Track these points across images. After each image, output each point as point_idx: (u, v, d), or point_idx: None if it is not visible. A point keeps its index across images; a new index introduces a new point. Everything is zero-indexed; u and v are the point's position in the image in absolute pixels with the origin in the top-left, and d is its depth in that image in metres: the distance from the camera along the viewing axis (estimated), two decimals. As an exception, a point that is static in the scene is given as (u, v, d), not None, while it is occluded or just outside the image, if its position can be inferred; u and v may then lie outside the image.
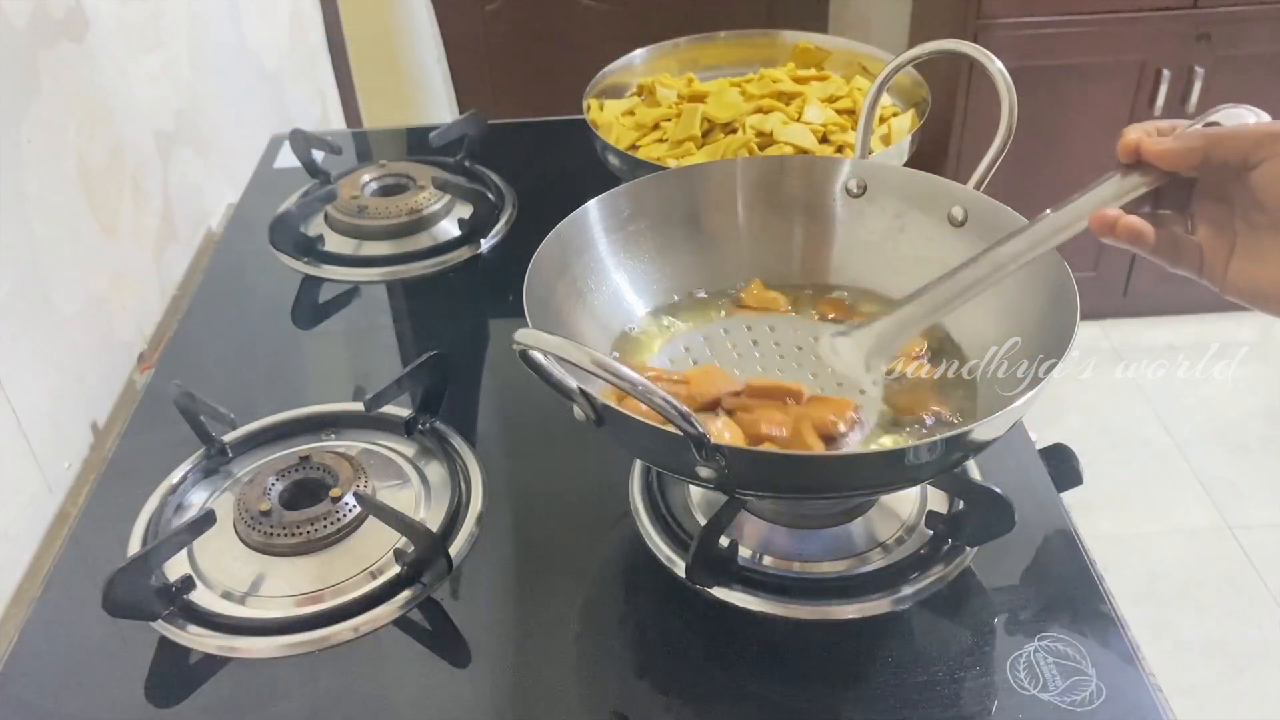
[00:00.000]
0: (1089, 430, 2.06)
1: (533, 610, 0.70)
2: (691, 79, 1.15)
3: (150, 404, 0.89)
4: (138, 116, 1.06)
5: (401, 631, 0.69)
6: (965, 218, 0.75)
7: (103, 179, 0.98)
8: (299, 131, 1.17)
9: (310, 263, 1.07)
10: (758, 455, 0.61)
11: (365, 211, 1.10)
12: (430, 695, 0.65)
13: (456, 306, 1.02)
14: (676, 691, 0.64)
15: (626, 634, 0.69)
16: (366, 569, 0.72)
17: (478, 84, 2.37)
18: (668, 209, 0.80)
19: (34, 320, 0.85)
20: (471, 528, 0.75)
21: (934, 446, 0.59)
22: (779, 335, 0.76)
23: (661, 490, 0.77)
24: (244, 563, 0.72)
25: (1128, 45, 1.95)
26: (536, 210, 1.13)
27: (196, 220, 1.19)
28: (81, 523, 0.79)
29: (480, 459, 0.81)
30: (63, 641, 0.69)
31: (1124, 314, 2.27)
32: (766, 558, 0.71)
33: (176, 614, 0.69)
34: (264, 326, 1.01)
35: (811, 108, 1.07)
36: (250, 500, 0.75)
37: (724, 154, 1.02)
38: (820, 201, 0.81)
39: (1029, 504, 0.73)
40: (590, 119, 1.11)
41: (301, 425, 0.85)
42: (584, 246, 0.77)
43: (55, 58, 0.91)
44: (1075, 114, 2.01)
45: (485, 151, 1.22)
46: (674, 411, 0.55)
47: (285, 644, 0.68)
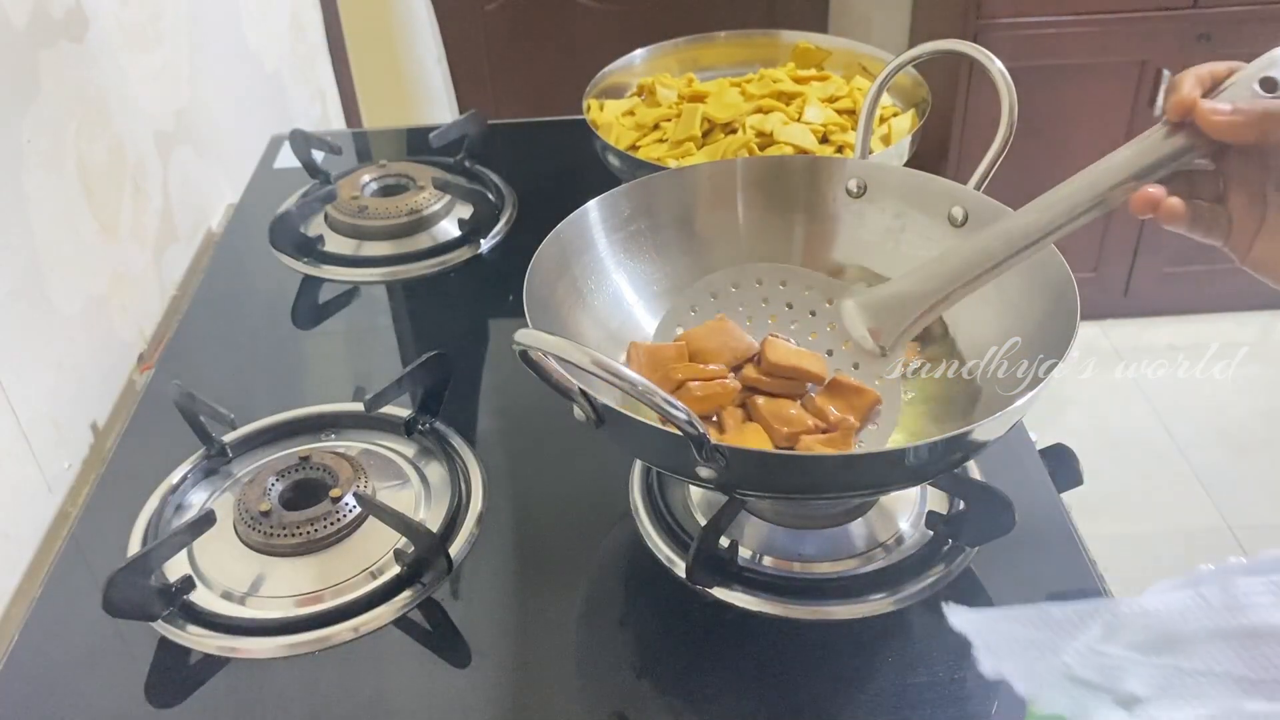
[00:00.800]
0: (1089, 430, 2.06)
1: (533, 610, 0.70)
2: (691, 79, 1.15)
3: (150, 404, 0.89)
4: (138, 116, 1.06)
5: (401, 632, 0.69)
6: (965, 218, 0.75)
7: (103, 179, 0.98)
8: (299, 131, 1.17)
9: (310, 263, 1.07)
10: (758, 455, 0.61)
11: (365, 211, 1.10)
12: (430, 695, 0.65)
13: (456, 306, 1.02)
14: (676, 691, 0.64)
15: (626, 634, 0.69)
16: (366, 569, 0.72)
17: (478, 84, 2.37)
18: (668, 209, 0.80)
19: (34, 320, 0.85)
20: (471, 528, 0.75)
21: (934, 446, 0.59)
22: (791, 293, 0.76)
23: (661, 490, 0.77)
24: (244, 563, 0.72)
25: (1128, 45, 1.95)
26: (536, 210, 1.13)
27: (196, 220, 1.19)
28: (81, 523, 0.79)
29: (480, 459, 0.81)
30: (63, 641, 0.69)
31: (1124, 314, 2.27)
32: (766, 558, 0.71)
33: (176, 614, 0.69)
34: (264, 326, 1.01)
35: (811, 108, 1.07)
36: (250, 500, 0.75)
37: (724, 154, 1.02)
38: (820, 202, 0.81)
39: (1029, 504, 0.73)
40: (590, 119, 1.11)
41: (301, 425, 0.85)
42: (584, 247, 0.77)
43: (55, 58, 0.91)
44: (1075, 114, 2.01)
45: (485, 151, 1.22)
46: (674, 412, 0.55)
47: (285, 644, 0.68)
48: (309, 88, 1.72)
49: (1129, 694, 0.51)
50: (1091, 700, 0.51)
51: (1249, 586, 0.52)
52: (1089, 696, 0.51)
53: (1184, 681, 0.51)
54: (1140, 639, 0.52)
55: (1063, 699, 0.51)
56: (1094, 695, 0.51)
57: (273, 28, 1.55)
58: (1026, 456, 0.79)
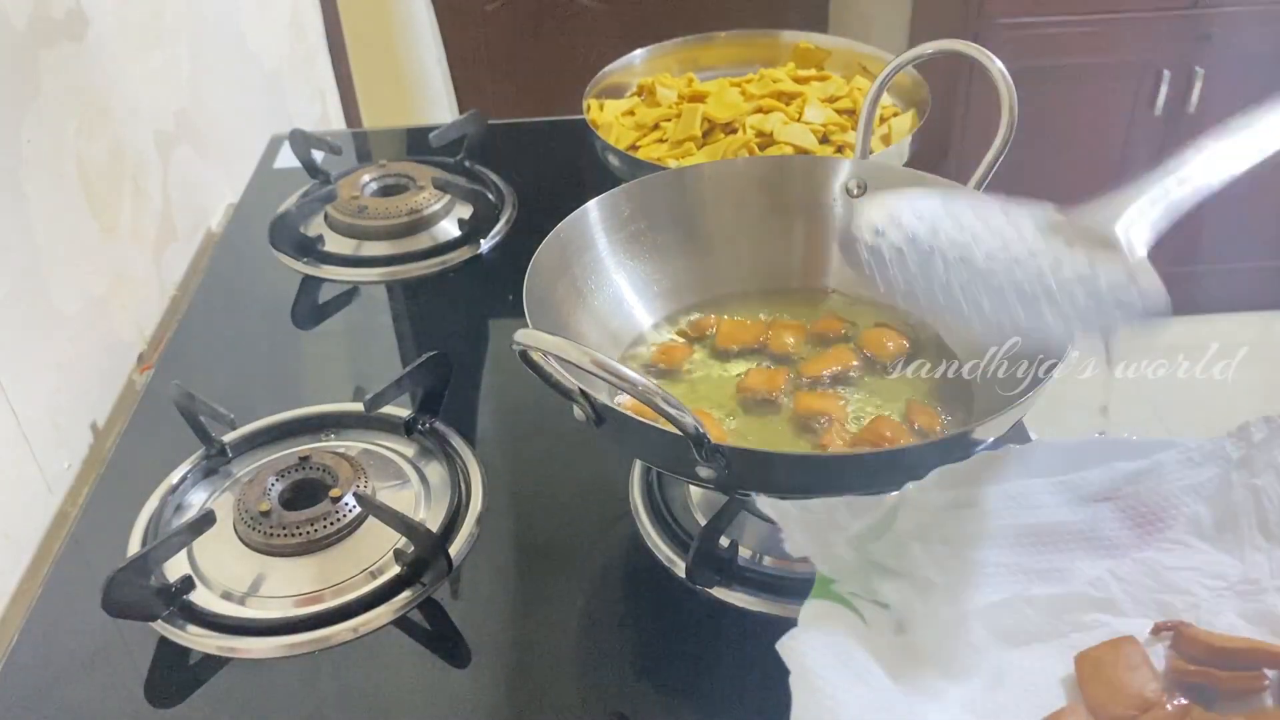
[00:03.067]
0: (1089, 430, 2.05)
1: (533, 610, 0.70)
2: (691, 79, 1.15)
3: (150, 404, 0.89)
4: (138, 116, 1.06)
5: (401, 632, 0.69)
6: (965, 218, 0.74)
7: (103, 179, 0.98)
8: (299, 131, 1.17)
9: (310, 263, 1.07)
10: (758, 455, 0.61)
11: (365, 211, 1.10)
12: (430, 695, 0.65)
13: (456, 306, 1.02)
14: (676, 691, 0.64)
15: (626, 634, 0.69)
16: (366, 569, 0.72)
17: (478, 84, 2.37)
18: (668, 209, 0.80)
19: (34, 320, 0.85)
20: (471, 528, 0.75)
21: (934, 447, 0.59)
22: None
23: (661, 490, 0.77)
24: (244, 563, 0.72)
25: (1128, 45, 1.95)
26: (536, 210, 1.13)
27: (196, 220, 1.19)
28: (81, 523, 0.79)
29: (480, 459, 0.81)
30: (63, 641, 0.69)
31: (1124, 314, 2.27)
32: (766, 558, 0.71)
33: (176, 614, 0.69)
34: (264, 326, 1.01)
35: (811, 108, 1.07)
36: (250, 500, 0.75)
37: (724, 154, 1.02)
38: (820, 202, 0.81)
39: (1029, 504, 0.73)
40: (590, 119, 1.11)
41: (301, 425, 0.85)
42: (584, 247, 0.77)
43: (55, 58, 0.91)
44: (1075, 114, 2.01)
45: (485, 151, 1.22)
46: (674, 412, 0.55)
47: (285, 644, 0.68)
48: (309, 88, 1.72)
49: (924, 579, 0.56)
50: (888, 583, 0.55)
51: (1038, 486, 0.59)
52: (886, 579, 0.55)
53: (975, 571, 0.56)
54: (937, 531, 0.57)
55: (861, 579, 0.55)
56: (891, 578, 0.56)
57: (273, 27, 1.55)
58: (1026, 456, 0.79)
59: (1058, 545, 0.58)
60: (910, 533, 0.56)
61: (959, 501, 0.57)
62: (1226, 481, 0.59)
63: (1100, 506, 0.59)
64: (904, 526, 0.56)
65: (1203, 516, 0.59)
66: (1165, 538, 0.58)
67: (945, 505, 0.57)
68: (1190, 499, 0.59)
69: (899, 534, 0.56)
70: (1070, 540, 0.58)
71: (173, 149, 1.14)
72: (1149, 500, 0.59)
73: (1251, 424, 0.59)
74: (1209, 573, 0.57)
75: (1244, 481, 0.59)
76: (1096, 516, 0.58)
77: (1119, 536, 0.58)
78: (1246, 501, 0.59)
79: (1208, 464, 0.60)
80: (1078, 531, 0.58)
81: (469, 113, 1.22)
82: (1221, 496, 0.59)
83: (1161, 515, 0.59)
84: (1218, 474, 0.59)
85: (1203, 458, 0.60)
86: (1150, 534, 0.58)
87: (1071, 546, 0.58)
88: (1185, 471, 0.59)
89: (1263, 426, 0.59)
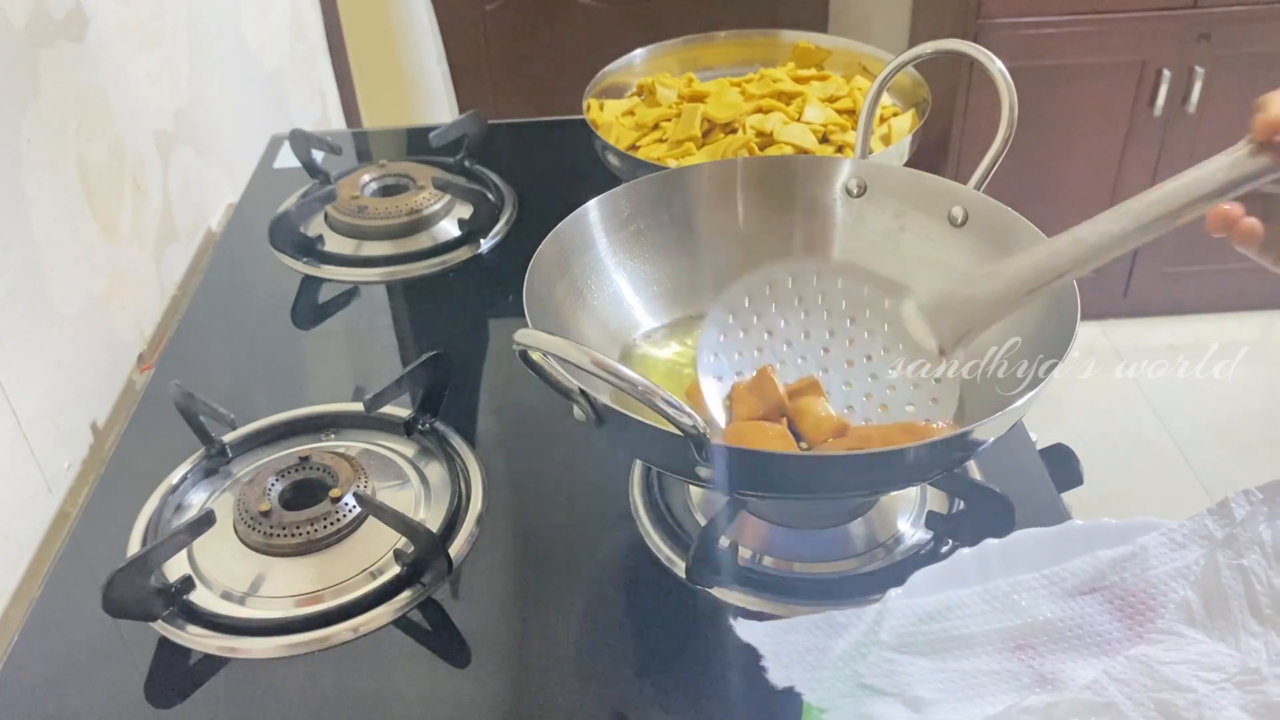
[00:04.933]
0: (1089, 430, 2.06)
1: (533, 610, 0.70)
2: (691, 79, 1.15)
3: (150, 404, 0.89)
4: (138, 116, 1.06)
5: (401, 632, 0.69)
6: (965, 218, 0.75)
7: (103, 179, 0.98)
8: (299, 131, 1.17)
9: (310, 263, 1.07)
10: (758, 455, 0.61)
11: (365, 211, 1.10)
12: (430, 695, 0.65)
13: (456, 306, 1.02)
14: (676, 691, 0.64)
15: (626, 634, 0.69)
16: (366, 569, 0.72)
17: (478, 84, 2.37)
18: (668, 209, 0.80)
19: (34, 320, 0.85)
20: (471, 528, 0.75)
21: (934, 446, 0.59)
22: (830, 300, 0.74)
23: (661, 490, 0.77)
24: (244, 563, 0.72)
25: (1128, 45, 1.95)
26: (536, 210, 1.13)
27: (196, 220, 1.19)
28: (81, 523, 0.79)
29: (480, 459, 0.81)
30: (63, 641, 0.69)
31: (1124, 314, 2.27)
32: (766, 558, 0.71)
33: (176, 614, 0.69)
34: (264, 326, 1.01)
35: (811, 108, 1.07)
36: (250, 500, 0.75)
37: (724, 154, 1.02)
38: (820, 202, 0.81)
39: (1029, 504, 0.73)
40: (590, 119, 1.11)
41: (301, 425, 0.85)
42: (584, 247, 0.77)
43: (55, 58, 0.91)
44: (1075, 114, 2.01)
45: (485, 151, 1.22)
46: (674, 412, 0.55)
47: (285, 644, 0.68)
48: (309, 88, 1.72)
49: (916, 698, 0.53)
50: (880, 706, 0.53)
51: (1022, 584, 0.56)
52: (877, 702, 0.53)
53: (968, 683, 0.54)
54: (924, 641, 0.54)
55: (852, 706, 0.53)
56: (883, 701, 0.53)
57: (273, 27, 1.55)
58: (1026, 456, 0.79)
59: (1048, 647, 0.55)
60: (895, 645, 0.54)
61: (942, 607, 0.55)
62: (1213, 563, 0.57)
63: (1087, 600, 0.56)
64: (887, 639, 0.54)
65: (1192, 602, 0.56)
66: (1156, 628, 0.56)
67: (929, 612, 0.55)
68: (1178, 584, 0.57)
69: (884, 648, 0.54)
70: (1060, 640, 0.56)
71: (173, 149, 1.14)
72: (1135, 589, 0.57)
73: (1231, 499, 0.57)
74: (1206, 665, 0.55)
75: (1230, 562, 0.57)
76: (1084, 611, 0.56)
77: (1110, 630, 0.56)
78: (1235, 584, 0.56)
79: (1191, 545, 0.57)
80: (1067, 630, 0.56)
81: (469, 113, 1.22)
82: (1209, 579, 0.57)
83: (1149, 604, 0.56)
84: (1202, 555, 0.57)
85: (1185, 538, 0.58)
86: (1141, 625, 0.56)
87: (1063, 647, 0.55)
88: (1169, 555, 0.57)
89: (1243, 502, 0.57)
